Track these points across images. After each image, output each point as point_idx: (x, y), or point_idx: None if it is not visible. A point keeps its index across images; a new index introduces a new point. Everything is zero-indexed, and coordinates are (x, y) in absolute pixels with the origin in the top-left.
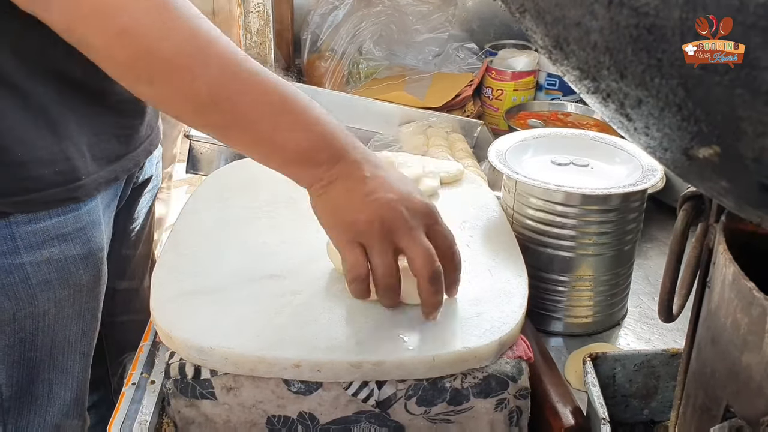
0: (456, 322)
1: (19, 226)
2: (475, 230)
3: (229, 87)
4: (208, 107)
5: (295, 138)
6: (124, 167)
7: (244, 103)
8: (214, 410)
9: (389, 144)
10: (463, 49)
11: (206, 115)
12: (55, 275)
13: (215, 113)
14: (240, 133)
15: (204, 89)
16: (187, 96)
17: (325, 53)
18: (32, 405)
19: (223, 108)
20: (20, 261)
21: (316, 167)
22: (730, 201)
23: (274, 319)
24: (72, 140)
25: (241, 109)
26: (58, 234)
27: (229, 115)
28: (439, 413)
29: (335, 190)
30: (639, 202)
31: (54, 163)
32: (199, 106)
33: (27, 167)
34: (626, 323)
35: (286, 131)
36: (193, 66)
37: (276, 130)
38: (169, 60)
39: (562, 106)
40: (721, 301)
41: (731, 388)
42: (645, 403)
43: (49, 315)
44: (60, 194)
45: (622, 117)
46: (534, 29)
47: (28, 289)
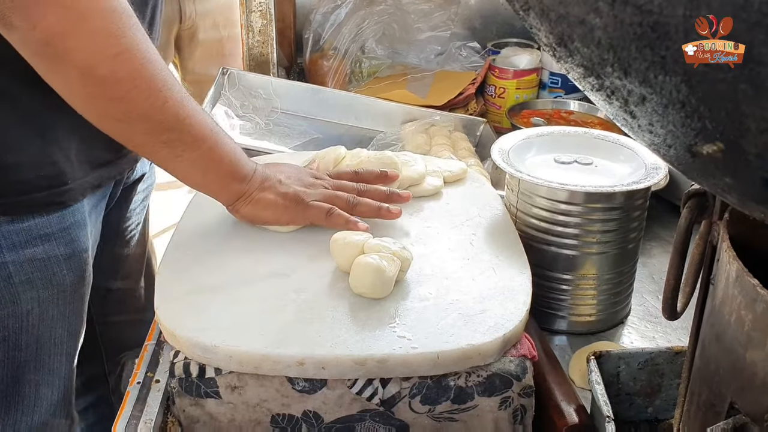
0: (460, 319)
1: (2, 225)
2: (478, 229)
3: (186, 109)
4: (171, 127)
5: (227, 153)
6: (110, 173)
7: (193, 123)
8: (218, 409)
9: (392, 143)
10: (466, 48)
11: (167, 134)
12: (38, 275)
13: (173, 133)
14: (189, 150)
15: (171, 111)
16: (155, 117)
17: (327, 52)
18: (19, 405)
19: (181, 128)
20: (2, 260)
21: (241, 181)
22: (733, 197)
23: (278, 316)
24: (59, 145)
25: (191, 129)
26: (41, 234)
27: (183, 134)
28: (443, 412)
29: (258, 194)
30: (642, 200)
31: (40, 167)
32: (165, 126)
33: (13, 170)
34: (630, 321)
35: (219, 147)
36: (164, 90)
37: (212, 146)
38: (150, 80)
39: (565, 105)
40: (725, 298)
41: (735, 385)
42: (649, 401)
43: (32, 315)
44: (45, 198)
45: (625, 114)
46: (538, 26)
47: (10, 288)
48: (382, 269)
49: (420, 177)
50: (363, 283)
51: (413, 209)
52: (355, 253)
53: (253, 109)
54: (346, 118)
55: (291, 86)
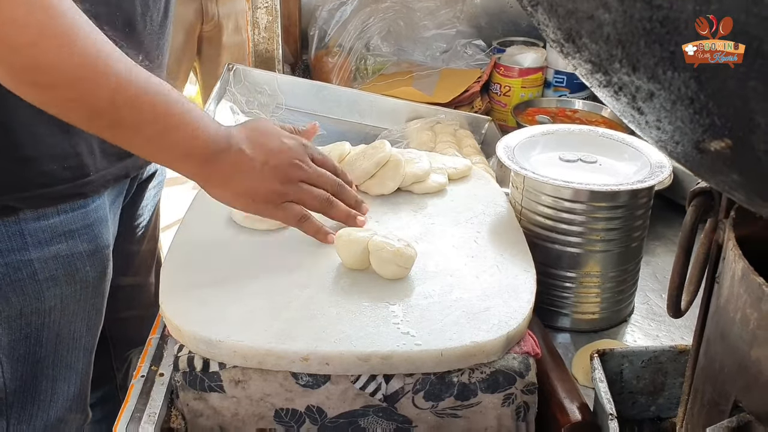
0: (463, 317)
1: (28, 222)
2: (483, 226)
3: (126, 94)
4: (106, 113)
5: (183, 136)
6: (134, 164)
7: (138, 108)
8: (222, 403)
9: (397, 140)
10: (471, 46)
11: (101, 120)
12: (62, 271)
13: (109, 118)
14: (134, 135)
15: (105, 97)
16: (86, 103)
17: (332, 49)
18: (36, 400)
19: (120, 114)
20: (28, 257)
21: (205, 162)
22: (740, 194)
23: (282, 312)
24: (82, 136)
25: (135, 114)
26: (65, 230)
27: (125, 119)
28: (446, 408)
29: (230, 177)
30: (647, 198)
31: (64, 158)
32: (97, 112)
33: (37, 163)
34: (633, 320)
35: (176, 131)
36: (95, 76)
37: (166, 130)
38: (74, 69)
39: (569, 103)
40: (730, 296)
41: (740, 383)
42: (652, 400)
43: (55, 311)
44: (68, 190)
45: (633, 110)
46: (546, 22)
47: (35, 285)
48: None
49: (424, 174)
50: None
51: (418, 206)
52: (359, 249)
53: (258, 106)
54: (350, 114)
55: (296, 83)
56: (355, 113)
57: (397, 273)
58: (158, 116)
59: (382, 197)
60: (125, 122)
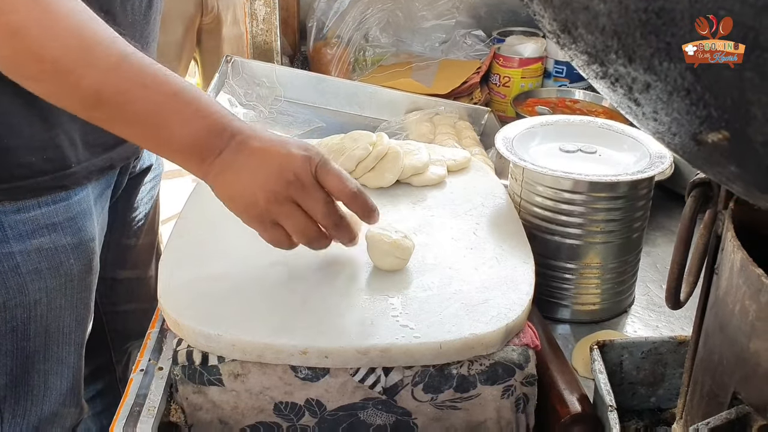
0: (462, 309)
1: (8, 215)
2: (482, 218)
3: (113, 86)
4: (94, 104)
5: (180, 132)
6: (120, 155)
7: (130, 100)
8: (221, 397)
9: (396, 132)
10: (470, 36)
11: (92, 111)
12: (46, 264)
13: (101, 109)
14: (126, 127)
15: (90, 88)
16: (73, 94)
17: (331, 40)
18: (29, 395)
19: (109, 105)
20: (9, 250)
21: (203, 160)
22: (738, 186)
23: (281, 305)
24: (63, 128)
25: (126, 106)
26: (47, 223)
27: (115, 111)
28: (445, 400)
29: (228, 177)
30: (647, 189)
31: (43, 150)
32: (86, 103)
33: (15, 154)
34: (633, 311)
35: (172, 125)
36: (77, 68)
37: (162, 124)
38: (55, 61)
39: (569, 93)
40: (729, 287)
41: (739, 375)
42: (652, 391)
43: (40, 304)
44: (49, 182)
45: (630, 102)
46: (542, 13)
47: (18, 278)
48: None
49: (424, 166)
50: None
51: (417, 198)
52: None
53: (256, 98)
54: (349, 106)
55: (294, 74)
56: (354, 105)
57: (395, 265)
58: (151, 110)
59: (381, 189)
60: (115, 115)
